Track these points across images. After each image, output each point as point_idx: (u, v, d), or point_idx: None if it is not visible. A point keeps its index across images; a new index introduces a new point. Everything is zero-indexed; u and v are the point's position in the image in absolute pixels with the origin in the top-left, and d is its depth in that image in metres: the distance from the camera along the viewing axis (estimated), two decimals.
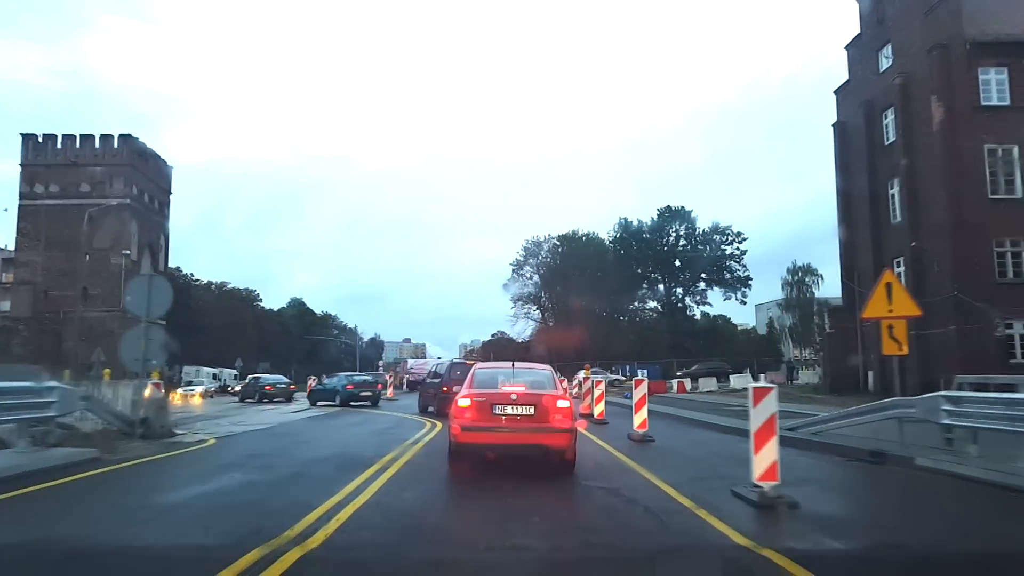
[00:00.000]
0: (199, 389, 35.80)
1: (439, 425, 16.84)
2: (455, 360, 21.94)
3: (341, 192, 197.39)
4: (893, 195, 30.11)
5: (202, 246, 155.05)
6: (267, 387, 34.49)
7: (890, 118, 30.34)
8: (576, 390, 23.09)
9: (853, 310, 32.19)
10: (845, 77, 34.46)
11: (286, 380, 36.60)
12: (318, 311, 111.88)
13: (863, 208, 31.82)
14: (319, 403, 27.33)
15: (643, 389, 12.79)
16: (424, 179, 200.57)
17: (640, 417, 12.64)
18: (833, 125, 34.89)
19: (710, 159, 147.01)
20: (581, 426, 12.76)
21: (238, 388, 42.87)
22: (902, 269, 28.94)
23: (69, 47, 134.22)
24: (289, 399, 33.25)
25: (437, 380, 20.38)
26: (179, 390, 36.48)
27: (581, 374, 25.43)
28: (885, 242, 30.31)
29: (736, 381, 39.52)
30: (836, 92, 35.15)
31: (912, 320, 28.54)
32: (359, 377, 29.63)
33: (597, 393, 17.05)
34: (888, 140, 30.54)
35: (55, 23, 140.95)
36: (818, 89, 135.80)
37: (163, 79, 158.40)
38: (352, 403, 25.82)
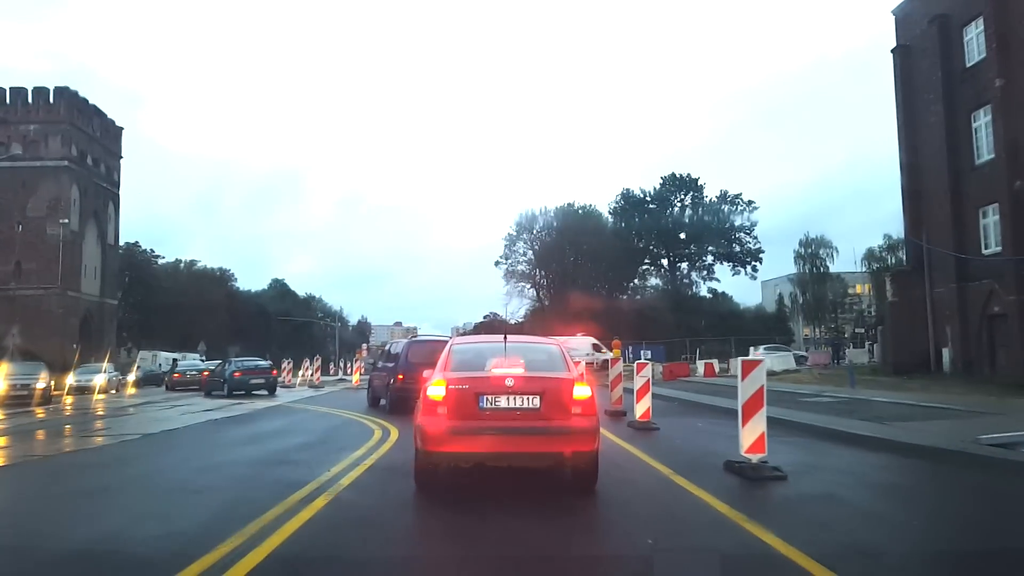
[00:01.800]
0: (100, 379, 28.81)
1: (393, 432, 10.97)
2: (415, 338, 15.84)
3: (334, 174, 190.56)
4: (978, 128, 24.12)
5: (194, 230, 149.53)
6: (176, 375, 30.28)
7: (974, 32, 24.27)
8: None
9: (922, 274, 26.53)
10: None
11: (200, 366, 31.70)
12: (302, 293, 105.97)
13: (935, 147, 25.83)
14: (212, 393, 24.26)
15: (760, 378, 6.65)
16: (418, 158, 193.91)
17: (755, 431, 6.50)
18: (893, 51, 28.69)
19: (713, 135, 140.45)
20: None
21: (131, 379, 36.13)
22: (996, 218, 23.15)
23: (54, 29, 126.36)
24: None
25: (392, 365, 14.39)
26: (70, 380, 29.25)
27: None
28: (968, 186, 24.40)
29: (773, 363, 33.75)
30: (895, 12, 28.97)
31: (1013, 283, 22.72)
32: (249, 362, 26.05)
33: (640, 383, 10.77)
34: (971, 61, 24.49)
35: (37, 4, 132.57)
36: (818, 68, 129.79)
37: (151, 62, 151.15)
38: (249, 392, 23.14)
